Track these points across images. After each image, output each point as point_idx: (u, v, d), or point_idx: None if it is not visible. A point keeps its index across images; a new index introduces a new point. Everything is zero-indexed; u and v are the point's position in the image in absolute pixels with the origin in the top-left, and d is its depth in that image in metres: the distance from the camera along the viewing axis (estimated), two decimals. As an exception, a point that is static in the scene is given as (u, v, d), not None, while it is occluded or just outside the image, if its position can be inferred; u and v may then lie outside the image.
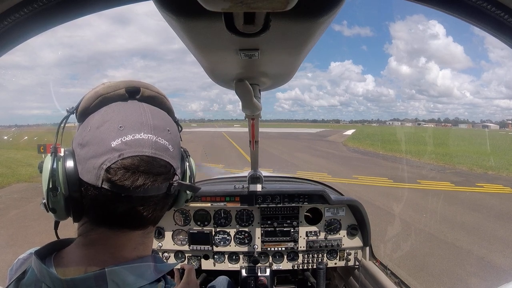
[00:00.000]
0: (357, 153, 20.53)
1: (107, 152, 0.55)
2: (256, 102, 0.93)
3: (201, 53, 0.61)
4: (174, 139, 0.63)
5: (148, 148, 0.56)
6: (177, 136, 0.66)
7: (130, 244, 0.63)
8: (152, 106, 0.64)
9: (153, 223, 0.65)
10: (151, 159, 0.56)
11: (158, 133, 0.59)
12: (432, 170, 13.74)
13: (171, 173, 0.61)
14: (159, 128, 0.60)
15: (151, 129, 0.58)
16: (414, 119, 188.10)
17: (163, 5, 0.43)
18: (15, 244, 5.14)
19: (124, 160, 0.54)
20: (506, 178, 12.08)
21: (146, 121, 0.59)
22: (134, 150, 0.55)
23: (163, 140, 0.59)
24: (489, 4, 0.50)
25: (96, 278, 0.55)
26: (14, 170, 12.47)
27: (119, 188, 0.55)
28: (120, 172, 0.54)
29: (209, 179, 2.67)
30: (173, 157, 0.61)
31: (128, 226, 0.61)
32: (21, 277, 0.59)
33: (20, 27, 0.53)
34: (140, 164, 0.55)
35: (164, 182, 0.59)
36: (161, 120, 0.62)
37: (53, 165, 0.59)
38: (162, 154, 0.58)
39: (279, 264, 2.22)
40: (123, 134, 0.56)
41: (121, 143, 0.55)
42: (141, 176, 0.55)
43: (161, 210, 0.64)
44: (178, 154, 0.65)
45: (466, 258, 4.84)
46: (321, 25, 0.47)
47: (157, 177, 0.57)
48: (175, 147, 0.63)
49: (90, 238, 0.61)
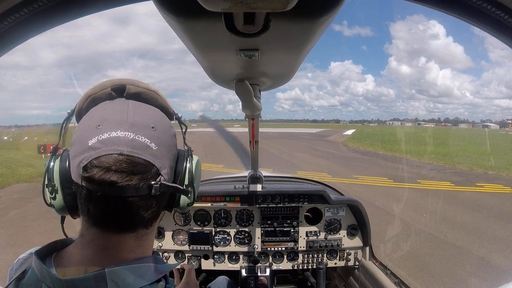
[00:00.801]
0: (357, 153, 20.53)
1: (84, 151, 0.56)
2: (256, 102, 0.93)
3: (201, 53, 0.61)
4: (160, 137, 0.60)
5: (124, 146, 0.55)
6: (166, 134, 0.62)
7: (125, 247, 0.61)
8: (138, 103, 0.62)
9: (142, 226, 0.62)
10: (126, 157, 0.54)
11: (138, 131, 0.57)
12: (432, 170, 13.75)
13: (153, 173, 0.58)
14: (139, 125, 0.58)
15: (129, 126, 0.57)
16: (414, 119, 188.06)
17: (163, 5, 0.43)
18: (15, 244, 5.15)
19: (99, 158, 0.54)
20: (506, 178, 12.09)
21: (126, 119, 0.57)
22: (110, 148, 0.54)
23: (142, 138, 0.57)
24: (489, 4, 0.50)
25: (96, 279, 0.55)
26: (14, 170, 12.47)
27: (94, 186, 0.54)
28: (94, 170, 0.54)
29: (209, 179, 2.67)
30: (156, 156, 0.58)
31: (115, 227, 0.59)
32: (21, 276, 0.59)
33: (20, 27, 0.53)
34: (113, 163, 0.54)
35: (142, 182, 0.56)
36: (145, 116, 0.60)
37: (49, 163, 0.63)
38: (140, 152, 0.56)
39: (279, 264, 2.22)
40: (100, 132, 0.56)
41: (97, 141, 0.55)
42: (114, 175, 0.54)
43: (147, 213, 0.60)
44: (167, 153, 0.62)
45: (466, 258, 4.84)
46: (321, 25, 0.47)
47: (132, 177, 0.55)
48: (162, 146, 0.60)
49: (86, 239, 0.61)
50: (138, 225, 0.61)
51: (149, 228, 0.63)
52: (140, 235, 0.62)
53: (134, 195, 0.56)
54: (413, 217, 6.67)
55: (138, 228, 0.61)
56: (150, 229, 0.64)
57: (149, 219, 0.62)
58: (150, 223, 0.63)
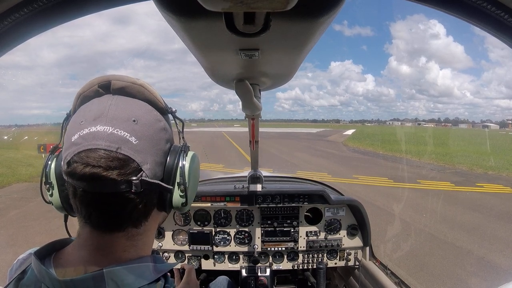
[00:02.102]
0: (357, 153, 20.52)
1: (69, 147, 0.56)
2: (256, 102, 0.93)
3: (201, 53, 0.61)
4: (142, 131, 0.58)
5: (101, 140, 0.54)
6: (149, 128, 0.60)
7: (118, 247, 0.60)
8: (123, 98, 0.61)
9: (130, 225, 0.60)
10: (104, 152, 0.54)
11: (117, 125, 0.56)
12: (432, 170, 13.74)
13: (132, 168, 0.56)
14: (119, 119, 0.57)
15: (108, 120, 0.56)
16: (414, 119, 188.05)
17: (163, 5, 0.43)
18: (15, 244, 5.14)
19: (79, 154, 0.54)
20: (506, 178, 12.08)
21: (106, 113, 0.57)
22: (89, 143, 0.54)
23: (121, 132, 0.55)
24: (489, 4, 0.50)
25: (94, 279, 0.55)
26: (14, 170, 12.48)
27: (76, 182, 0.55)
28: (74, 166, 0.54)
29: (209, 179, 2.67)
30: (136, 151, 0.56)
31: (105, 226, 0.59)
32: (20, 277, 0.59)
33: (20, 27, 0.53)
34: (93, 158, 0.53)
35: (121, 177, 0.54)
36: (125, 110, 0.58)
37: (47, 161, 0.65)
38: (118, 146, 0.55)
39: (279, 264, 2.22)
40: (81, 128, 0.56)
41: (79, 137, 0.55)
42: (91, 170, 0.53)
43: (133, 210, 0.58)
44: (150, 147, 0.59)
45: (466, 258, 4.84)
46: (321, 25, 0.47)
47: (109, 172, 0.53)
48: (143, 139, 0.58)
49: (82, 238, 0.61)
50: (125, 223, 0.60)
51: (139, 227, 0.62)
52: (132, 235, 0.61)
53: (114, 191, 0.55)
54: (413, 217, 6.67)
55: (127, 227, 0.60)
56: (141, 229, 0.62)
57: (137, 218, 0.60)
58: (139, 222, 0.61)
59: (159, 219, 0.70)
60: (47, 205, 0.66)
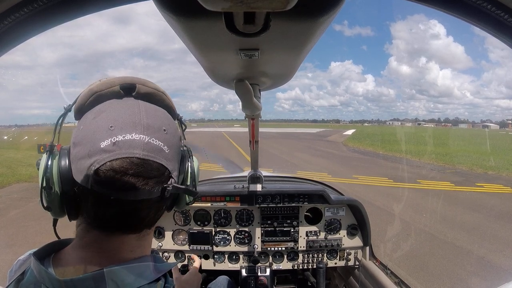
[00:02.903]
0: (357, 153, 20.52)
1: (96, 153, 0.53)
2: (256, 102, 0.93)
3: (201, 53, 0.61)
4: (171, 140, 0.59)
5: (139, 149, 0.53)
6: (175, 136, 0.62)
7: (126, 247, 0.61)
8: (148, 104, 0.61)
9: (147, 227, 0.63)
10: (142, 161, 0.53)
11: (152, 134, 0.56)
12: (432, 170, 13.74)
13: (166, 176, 0.58)
14: (153, 128, 0.56)
15: (144, 129, 0.55)
16: (414, 119, 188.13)
17: (163, 5, 0.43)
18: (15, 244, 5.14)
19: (113, 162, 0.52)
20: (506, 178, 12.08)
21: (139, 121, 0.56)
22: (124, 151, 0.53)
23: (157, 141, 0.56)
24: (489, 4, 0.50)
25: (94, 279, 0.55)
26: (14, 170, 12.46)
27: (108, 191, 0.53)
28: (108, 174, 0.52)
29: (209, 179, 2.67)
30: (168, 159, 0.58)
31: (121, 229, 0.59)
32: (20, 278, 0.59)
33: (20, 27, 0.53)
34: (130, 167, 0.53)
35: (157, 185, 0.56)
36: (157, 119, 0.59)
37: (47, 163, 0.59)
38: (155, 156, 0.55)
39: (279, 264, 2.22)
40: (113, 134, 0.54)
41: (111, 144, 0.53)
42: (130, 179, 0.53)
43: (156, 214, 0.62)
44: (176, 155, 0.62)
45: (466, 258, 4.84)
46: (321, 25, 0.47)
47: (148, 181, 0.54)
48: (172, 148, 0.60)
49: (85, 241, 0.60)
50: (144, 226, 0.62)
51: (151, 228, 0.65)
52: (142, 235, 0.63)
53: (148, 198, 0.56)
54: (413, 217, 6.67)
55: (144, 228, 0.63)
56: (151, 229, 0.66)
57: (155, 220, 0.64)
58: (154, 224, 0.65)
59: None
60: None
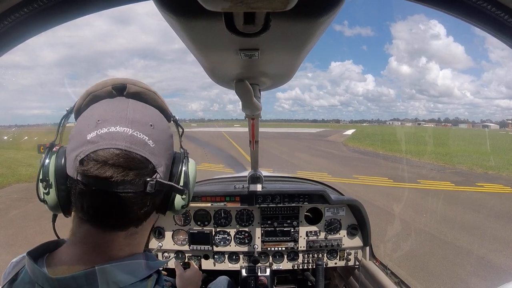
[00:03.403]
0: (357, 153, 20.51)
1: (82, 145, 0.56)
2: (256, 102, 0.93)
3: (201, 53, 0.61)
4: (158, 135, 0.61)
5: (122, 141, 0.55)
6: (164, 133, 0.63)
7: (115, 245, 0.61)
8: (138, 102, 0.64)
9: (133, 224, 0.62)
10: (123, 152, 0.55)
11: (136, 127, 0.58)
12: (432, 170, 13.74)
13: (149, 170, 0.58)
14: (139, 122, 0.59)
15: (128, 122, 0.57)
16: (414, 119, 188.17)
17: (163, 5, 0.43)
18: (15, 244, 5.15)
19: (96, 152, 0.54)
20: (506, 178, 12.08)
21: (125, 115, 0.58)
22: (107, 142, 0.55)
23: (141, 134, 0.57)
24: (489, 4, 0.50)
25: (86, 277, 0.55)
26: (14, 170, 12.46)
27: (90, 180, 0.54)
28: (90, 164, 0.54)
29: (209, 179, 2.67)
30: (153, 154, 0.59)
31: (107, 225, 0.60)
32: (14, 278, 0.59)
33: (20, 27, 0.53)
34: (110, 157, 0.54)
35: (138, 178, 0.56)
36: (144, 114, 0.61)
37: (45, 158, 0.63)
38: (138, 148, 0.56)
39: (279, 264, 2.22)
40: (99, 127, 0.56)
41: (96, 135, 0.55)
42: (110, 169, 0.54)
43: (140, 210, 0.60)
44: (164, 151, 0.62)
45: (466, 258, 4.84)
46: (321, 25, 0.47)
47: (128, 172, 0.55)
48: (159, 144, 0.60)
49: (77, 237, 0.61)
50: (129, 223, 0.61)
51: (138, 227, 0.63)
52: (130, 234, 0.63)
53: (129, 191, 0.56)
54: (413, 217, 6.67)
55: (130, 226, 0.62)
56: (139, 228, 0.64)
57: (140, 218, 0.62)
58: (140, 222, 0.63)
59: (154, 221, 0.71)
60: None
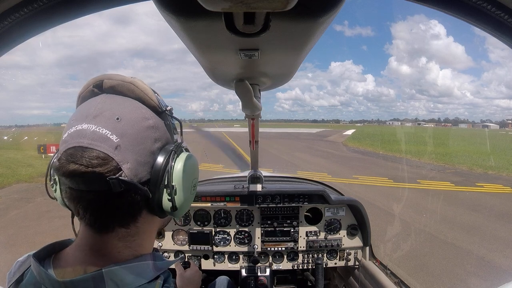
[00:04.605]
0: (357, 153, 20.51)
1: (61, 145, 0.58)
2: (256, 102, 0.93)
3: (201, 53, 0.61)
4: (124, 128, 0.57)
5: (85, 138, 0.55)
6: (134, 126, 0.58)
7: (111, 247, 0.60)
8: (112, 96, 0.61)
9: (118, 225, 0.59)
10: (83, 149, 0.54)
11: (99, 122, 0.56)
12: (432, 170, 13.74)
13: (112, 167, 0.55)
14: (102, 117, 0.57)
15: (92, 118, 0.57)
16: (414, 119, 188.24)
17: (163, 5, 0.43)
18: (15, 244, 5.14)
19: (66, 151, 0.56)
20: (506, 178, 12.08)
21: (91, 112, 0.58)
22: (74, 141, 0.55)
23: (103, 130, 0.55)
24: (489, 4, 0.50)
25: (94, 279, 0.55)
26: (14, 170, 12.46)
27: (62, 178, 0.57)
28: (60, 162, 0.56)
29: (209, 179, 2.67)
30: (118, 149, 0.55)
31: (94, 225, 0.59)
32: (19, 279, 0.59)
33: (20, 27, 0.53)
34: (74, 154, 0.55)
35: (100, 176, 0.54)
36: (111, 109, 0.58)
37: (52, 158, 0.64)
38: (98, 144, 0.54)
39: (279, 264, 2.22)
40: (70, 126, 0.58)
41: (67, 135, 0.57)
42: (71, 167, 0.54)
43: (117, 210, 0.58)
44: (132, 146, 0.57)
45: (466, 258, 4.84)
46: (321, 25, 0.47)
47: (90, 169, 0.54)
48: (124, 138, 0.56)
49: (79, 238, 0.62)
50: (111, 223, 0.59)
51: (128, 228, 0.60)
52: (123, 236, 0.60)
53: (96, 189, 0.55)
54: (413, 217, 6.67)
55: (115, 227, 0.59)
56: (132, 230, 0.61)
57: (123, 218, 0.59)
58: (126, 222, 0.60)
59: (156, 222, 0.68)
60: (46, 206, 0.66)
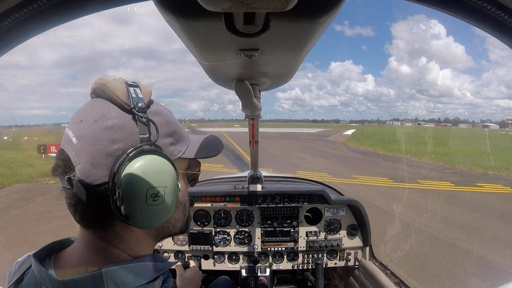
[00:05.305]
0: (357, 153, 20.52)
1: None
2: (256, 102, 0.93)
3: (201, 53, 0.61)
4: (82, 131, 0.58)
5: (63, 141, 0.61)
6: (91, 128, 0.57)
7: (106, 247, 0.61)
8: (93, 99, 0.65)
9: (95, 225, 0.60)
10: (60, 151, 0.61)
11: (69, 126, 0.62)
12: (432, 170, 13.75)
13: (70, 168, 0.58)
14: (73, 120, 0.62)
15: (70, 122, 0.62)
16: (414, 119, 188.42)
17: (163, 5, 0.43)
18: (15, 244, 5.14)
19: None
20: (506, 178, 12.09)
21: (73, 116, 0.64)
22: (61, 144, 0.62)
23: (70, 132, 0.60)
24: (489, 4, 0.50)
25: (93, 278, 0.55)
26: (14, 170, 12.47)
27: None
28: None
29: (209, 179, 2.67)
30: (75, 150, 0.58)
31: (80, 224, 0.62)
32: (20, 279, 0.59)
33: (20, 27, 0.53)
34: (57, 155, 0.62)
35: (62, 175, 0.59)
36: (82, 111, 0.62)
37: None
38: (65, 145, 0.60)
39: (279, 264, 2.22)
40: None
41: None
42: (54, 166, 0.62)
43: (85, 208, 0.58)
44: (86, 147, 0.57)
45: (466, 258, 4.84)
46: (321, 25, 0.47)
47: (58, 168, 0.60)
48: (81, 139, 0.57)
49: (78, 238, 0.64)
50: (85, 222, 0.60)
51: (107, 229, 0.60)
52: (106, 237, 0.61)
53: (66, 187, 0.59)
54: (413, 217, 6.67)
55: (90, 226, 0.61)
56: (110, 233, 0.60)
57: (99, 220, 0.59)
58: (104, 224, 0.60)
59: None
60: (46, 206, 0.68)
